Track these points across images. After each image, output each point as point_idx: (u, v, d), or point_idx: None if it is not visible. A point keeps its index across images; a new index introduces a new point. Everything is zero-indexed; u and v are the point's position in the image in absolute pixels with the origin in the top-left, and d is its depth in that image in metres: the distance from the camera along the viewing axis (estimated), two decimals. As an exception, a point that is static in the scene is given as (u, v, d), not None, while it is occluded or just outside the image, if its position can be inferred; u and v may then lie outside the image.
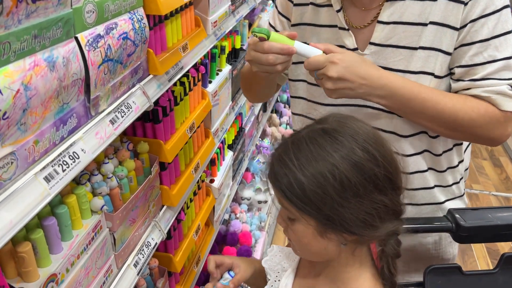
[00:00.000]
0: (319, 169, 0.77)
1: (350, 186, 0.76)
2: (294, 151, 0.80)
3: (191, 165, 1.49)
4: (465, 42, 0.99)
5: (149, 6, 1.07)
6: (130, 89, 1.06)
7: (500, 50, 0.96)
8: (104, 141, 0.91)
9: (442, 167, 1.13)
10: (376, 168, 0.78)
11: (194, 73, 1.47)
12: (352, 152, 0.78)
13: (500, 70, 0.97)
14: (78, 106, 0.86)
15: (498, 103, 0.97)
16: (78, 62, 0.82)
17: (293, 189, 0.79)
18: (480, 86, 0.98)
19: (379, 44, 1.04)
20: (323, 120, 0.85)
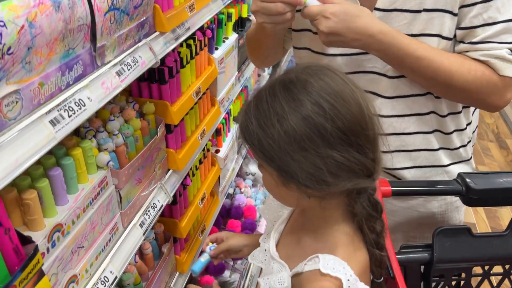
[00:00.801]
0: (270, 120, 0.75)
1: (296, 138, 0.74)
2: (255, 101, 0.79)
3: (197, 131, 1.47)
4: (466, 3, 0.96)
5: (155, -41, 1.04)
6: (137, 44, 1.03)
7: (501, 12, 0.93)
8: (110, 91, 0.89)
9: (449, 129, 1.11)
10: (326, 123, 0.73)
11: (201, 37, 1.44)
12: (301, 105, 0.75)
13: (500, 33, 0.94)
14: (84, 54, 0.84)
15: (497, 67, 0.95)
16: (84, 7, 0.80)
17: (251, 138, 0.78)
18: (479, 50, 0.96)
19: (384, 9, 1.02)
20: (288, 71, 0.82)
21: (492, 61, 0.95)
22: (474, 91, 0.96)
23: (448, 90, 1.00)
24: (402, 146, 1.12)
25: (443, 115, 1.10)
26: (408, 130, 1.11)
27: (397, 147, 1.13)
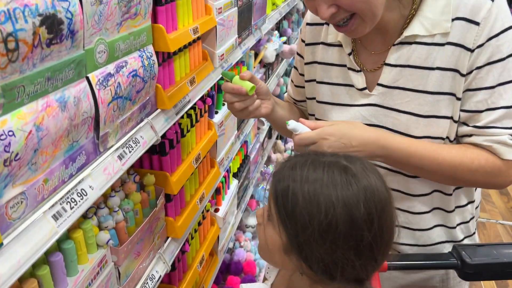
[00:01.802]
0: (318, 198, 0.75)
1: (334, 231, 0.74)
2: (308, 167, 0.79)
3: (196, 196, 1.49)
4: (470, 88, 0.99)
5: (158, 44, 1.10)
6: (138, 124, 1.07)
7: (504, 98, 0.97)
8: (112, 176, 0.92)
9: (450, 207, 1.14)
10: (367, 232, 0.74)
11: (201, 105, 1.49)
12: (355, 204, 0.75)
13: (502, 118, 0.97)
14: (87, 143, 0.88)
15: (500, 152, 0.98)
16: (88, 101, 0.84)
17: (286, 198, 0.77)
18: (483, 134, 0.99)
19: (387, 85, 1.06)
20: (351, 159, 0.81)
21: (494, 146, 0.98)
22: (480, 178, 0.99)
23: (454, 180, 1.04)
24: (406, 223, 1.14)
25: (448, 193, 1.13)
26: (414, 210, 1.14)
27: (401, 223, 1.14)
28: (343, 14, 0.95)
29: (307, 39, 1.21)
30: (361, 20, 0.95)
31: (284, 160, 0.85)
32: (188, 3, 1.27)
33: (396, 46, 1.03)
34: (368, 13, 0.94)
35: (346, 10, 0.94)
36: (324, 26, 1.17)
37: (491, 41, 0.95)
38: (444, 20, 0.98)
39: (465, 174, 0.99)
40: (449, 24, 0.97)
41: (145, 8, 1.02)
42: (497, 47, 0.95)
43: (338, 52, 1.13)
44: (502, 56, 0.96)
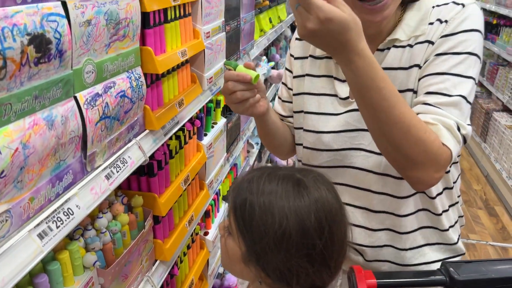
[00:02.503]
0: (273, 209, 0.81)
1: (288, 240, 0.79)
2: (264, 180, 0.85)
3: (185, 218, 1.49)
4: (425, 73, 0.99)
5: (146, 65, 1.12)
6: (126, 144, 1.08)
7: (457, 88, 0.95)
8: (99, 196, 0.92)
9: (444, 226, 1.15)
10: (318, 240, 0.80)
11: (190, 127, 1.50)
12: (307, 215, 0.80)
13: (451, 105, 0.94)
14: (75, 163, 0.88)
15: (442, 134, 0.92)
16: (76, 120, 0.85)
17: (243, 210, 0.83)
18: (431, 112, 0.95)
19: None
20: (305, 172, 0.87)
21: (440, 127, 0.93)
22: (423, 153, 0.89)
23: (397, 144, 0.90)
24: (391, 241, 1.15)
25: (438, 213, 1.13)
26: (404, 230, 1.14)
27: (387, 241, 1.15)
28: None
29: (296, 53, 1.24)
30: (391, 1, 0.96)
31: (242, 175, 0.91)
32: (176, 27, 1.30)
33: (379, 51, 1.07)
34: None
35: None
36: None
37: (456, 35, 0.97)
38: (422, 24, 1.03)
39: (414, 141, 0.88)
40: (425, 27, 1.02)
41: (133, 30, 1.04)
42: (462, 42, 0.96)
43: (325, 64, 1.16)
44: (463, 50, 0.96)
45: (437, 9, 1.02)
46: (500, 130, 4.60)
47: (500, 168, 4.47)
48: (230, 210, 0.88)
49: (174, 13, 1.28)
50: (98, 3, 0.89)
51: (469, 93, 0.95)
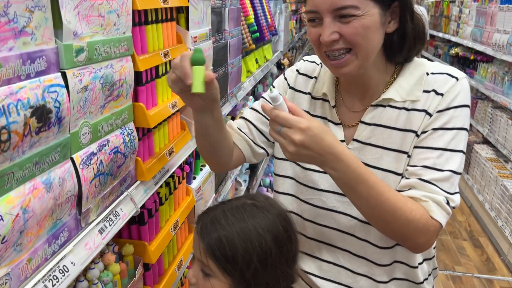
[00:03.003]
0: (249, 235, 0.93)
1: (270, 256, 0.93)
2: (226, 215, 0.96)
3: (174, 263, 1.51)
4: (421, 145, 1.09)
5: (139, 120, 1.17)
6: (119, 197, 1.12)
7: (449, 163, 1.06)
8: (92, 251, 0.96)
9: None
10: (289, 244, 0.98)
11: (179, 173, 1.55)
12: (276, 228, 0.96)
13: (443, 179, 1.05)
14: (70, 220, 0.92)
15: (432, 210, 1.03)
16: (72, 180, 0.89)
17: (222, 247, 0.93)
18: (423, 189, 1.05)
19: (361, 141, 1.16)
20: (253, 196, 1.03)
21: (430, 203, 1.04)
22: (411, 231, 1.03)
23: (387, 223, 1.04)
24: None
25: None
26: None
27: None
28: (341, 45, 1.04)
29: (293, 84, 1.29)
30: (355, 57, 1.05)
31: (196, 222, 1.01)
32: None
33: (373, 107, 1.14)
34: (363, 51, 1.04)
35: (346, 41, 1.03)
36: (313, 79, 1.27)
37: (450, 110, 1.08)
38: (417, 90, 1.12)
39: (401, 221, 1.01)
40: (420, 94, 1.11)
41: (126, 89, 1.10)
42: (454, 117, 1.08)
43: (321, 105, 1.23)
44: (455, 125, 1.08)
45: (432, 77, 1.11)
46: (481, 162, 4.72)
47: (483, 199, 4.57)
48: (202, 255, 0.95)
49: (165, 68, 1.35)
50: (95, 69, 0.95)
51: (458, 166, 1.07)
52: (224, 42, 1.99)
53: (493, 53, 4.70)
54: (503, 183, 4.08)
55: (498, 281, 3.65)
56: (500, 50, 4.49)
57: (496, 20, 4.65)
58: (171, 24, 1.38)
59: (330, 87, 1.22)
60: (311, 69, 1.29)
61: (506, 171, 4.35)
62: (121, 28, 1.05)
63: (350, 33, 1.02)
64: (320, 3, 1.02)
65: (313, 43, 1.10)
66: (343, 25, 1.02)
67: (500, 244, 4.07)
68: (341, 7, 1.00)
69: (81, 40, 0.89)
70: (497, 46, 4.54)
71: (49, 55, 0.80)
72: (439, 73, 1.12)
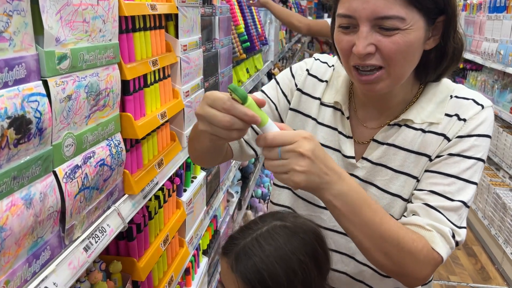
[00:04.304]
0: (291, 264, 0.84)
1: (312, 279, 0.85)
2: (261, 242, 0.86)
3: (165, 280, 1.45)
4: (433, 169, 1.00)
5: (126, 131, 1.12)
6: (105, 212, 1.07)
7: (460, 193, 0.97)
8: (77, 270, 0.90)
9: None
10: (327, 264, 0.91)
11: (169, 186, 1.49)
12: (315, 249, 0.88)
13: (451, 209, 0.96)
14: (53, 238, 0.86)
15: (435, 241, 0.93)
16: (55, 195, 0.84)
17: (262, 280, 0.83)
18: (430, 216, 0.96)
19: (371, 161, 1.06)
20: (281, 217, 0.93)
21: (434, 233, 0.94)
22: (412, 261, 0.92)
23: (389, 255, 0.91)
24: None
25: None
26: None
27: None
28: (376, 61, 0.91)
29: (301, 85, 1.17)
30: (387, 75, 0.94)
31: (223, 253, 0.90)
32: (156, 90, 1.32)
33: (388, 126, 1.05)
34: (399, 70, 0.93)
35: (382, 56, 0.91)
36: (323, 83, 1.15)
37: (471, 138, 0.98)
38: (438, 112, 1.02)
39: (402, 252, 0.90)
40: (442, 116, 1.01)
41: (113, 99, 1.05)
42: (474, 147, 0.98)
43: (331, 114, 1.12)
44: (474, 155, 0.98)
45: (456, 101, 1.02)
46: (473, 170, 4.71)
47: (476, 208, 4.56)
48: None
49: (154, 76, 1.30)
50: (79, 77, 0.90)
51: (469, 199, 0.98)
52: (215, 51, 1.96)
53: (482, 62, 4.74)
54: (495, 191, 4.07)
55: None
56: (489, 58, 4.52)
57: (485, 29, 4.69)
58: (160, 31, 1.34)
59: (344, 96, 1.11)
60: (322, 71, 1.17)
61: (498, 179, 4.35)
62: (107, 35, 1.01)
63: (391, 49, 0.89)
64: (359, 8, 0.88)
65: (342, 52, 0.97)
66: (383, 38, 0.89)
67: (494, 252, 4.05)
68: (384, 16, 0.87)
69: (64, 46, 0.85)
70: (486, 55, 4.57)
71: (29, 62, 0.75)
72: (464, 98, 1.03)
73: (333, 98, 1.13)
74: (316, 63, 1.19)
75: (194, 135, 1.10)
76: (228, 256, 0.88)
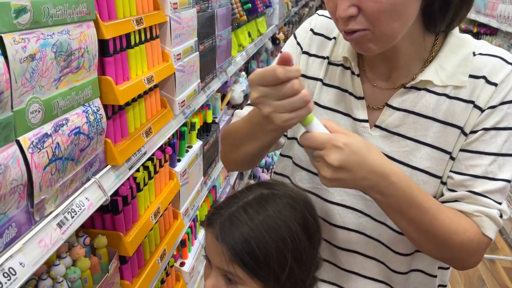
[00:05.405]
0: (280, 233, 0.77)
1: (303, 250, 0.79)
2: (248, 210, 0.79)
3: (157, 253, 1.39)
4: (470, 149, 0.90)
5: (106, 97, 1.03)
6: (84, 184, 0.98)
7: (502, 170, 0.88)
8: (48, 249, 0.82)
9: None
10: (319, 233, 0.85)
11: (160, 155, 1.41)
12: (306, 218, 0.82)
13: (497, 191, 0.89)
14: (19, 214, 0.78)
15: (485, 226, 0.88)
16: (19, 167, 0.75)
17: (251, 251, 0.76)
18: (476, 203, 0.89)
19: (386, 129, 0.95)
20: (268, 185, 0.86)
21: (483, 218, 0.88)
22: (465, 251, 0.88)
23: (439, 248, 0.89)
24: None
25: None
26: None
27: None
28: (359, 23, 0.82)
29: (307, 47, 1.05)
30: (374, 36, 0.83)
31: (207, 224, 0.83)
32: (142, 52, 1.22)
33: (405, 89, 0.93)
34: (385, 29, 0.82)
35: (365, 17, 0.81)
36: (331, 41, 1.03)
37: (504, 105, 0.88)
38: (461, 73, 0.90)
39: (455, 245, 0.87)
40: (465, 78, 0.90)
41: (89, 60, 0.95)
42: (508, 115, 0.88)
43: (340, 73, 1.00)
44: (509, 125, 0.88)
45: (481, 59, 0.90)
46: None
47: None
48: (227, 262, 0.77)
49: (139, 37, 1.19)
50: (44, 35, 0.80)
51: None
52: (211, 11, 1.83)
53: (498, 25, 4.52)
54: (506, 161, 3.96)
55: (500, 260, 3.57)
56: (505, 21, 4.31)
57: (501, -10, 4.46)
58: (145, -13, 1.22)
59: (352, 51, 0.98)
60: (329, 28, 1.03)
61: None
62: (78, -13, 0.89)
63: (373, 8, 0.79)
64: None
65: (331, 15, 0.88)
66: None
67: (503, 223, 3.98)
68: None
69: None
70: (502, 18, 4.36)
71: (-23, 15, 0.65)
72: (490, 55, 0.90)
73: (341, 54, 1.01)
74: (320, 19, 1.06)
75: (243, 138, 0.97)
76: (212, 226, 0.80)
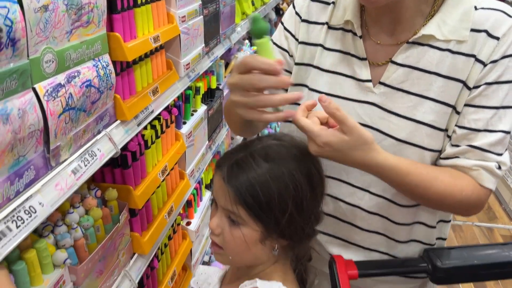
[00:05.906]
0: (283, 179, 0.81)
1: (305, 199, 0.83)
2: (255, 157, 0.83)
3: (164, 209, 1.45)
4: (473, 103, 0.93)
5: (115, 53, 1.06)
6: (95, 136, 1.03)
7: (503, 121, 0.91)
8: (64, 192, 0.88)
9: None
10: (321, 186, 0.89)
11: (167, 116, 1.45)
12: (310, 170, 0.85)
13: (497, 143, 0.92)
14: (37, 158, 0.83)
15: (483, 178, 0.92)
16: (35, 113, 0.80)
17: (255, 194, 0.80)
18: (475, 157, 0.93)
19: (390, 85, 0.97)
20: (277, 137, 0.90)
21: (481, 171, 0.92)
22: (463, 207, 0.96)
23: (437, 207, 1.00)
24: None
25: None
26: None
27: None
28: None
29: (305, 15, 1.05)
30: None
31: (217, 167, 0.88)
32: (148, 12, 1.24)
33: (408, 44, 0.94)
34: None
35: None
36: (330, 6, 1.04)
37: (505, 59, 0.90)
38: (463, 28, 0.91)
39: (453, 204, 0.94)
40: (467, 33, 0.91)
41: (98, 16, 0.98)
42: (509, 68, 0.90)
43: (341, 37, 1.01)
44: (509, 78, 0.91)
45: (483, 13, 0.91)
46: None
47: (486, 149, 4.49)
48: (232, 202, 0.82)
49: (145, -4, 1.22)
50: (56, -13, 0.83)
51: (511, 125, 0.94)
52: (215, -24, 1.84)
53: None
54: (507, 132, 3.99)
55: (498, 229, 3.64)
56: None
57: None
58: None
59: (355, 13, 0.99)
60: None
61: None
62: None
63: None
64: None
65: None
66: None
67: (502, 193, 4.04)
68: None
69: (35, -50, 0.77)
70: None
71: (-6, -37, 0.69)
72: (492, 9, 0.91)
73: (342, 17, 1.02)
74: None
75: (229, 112, 1.08)
76: (221, 169, 0.85)
